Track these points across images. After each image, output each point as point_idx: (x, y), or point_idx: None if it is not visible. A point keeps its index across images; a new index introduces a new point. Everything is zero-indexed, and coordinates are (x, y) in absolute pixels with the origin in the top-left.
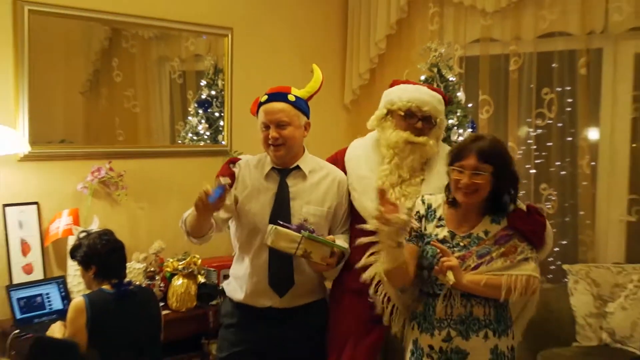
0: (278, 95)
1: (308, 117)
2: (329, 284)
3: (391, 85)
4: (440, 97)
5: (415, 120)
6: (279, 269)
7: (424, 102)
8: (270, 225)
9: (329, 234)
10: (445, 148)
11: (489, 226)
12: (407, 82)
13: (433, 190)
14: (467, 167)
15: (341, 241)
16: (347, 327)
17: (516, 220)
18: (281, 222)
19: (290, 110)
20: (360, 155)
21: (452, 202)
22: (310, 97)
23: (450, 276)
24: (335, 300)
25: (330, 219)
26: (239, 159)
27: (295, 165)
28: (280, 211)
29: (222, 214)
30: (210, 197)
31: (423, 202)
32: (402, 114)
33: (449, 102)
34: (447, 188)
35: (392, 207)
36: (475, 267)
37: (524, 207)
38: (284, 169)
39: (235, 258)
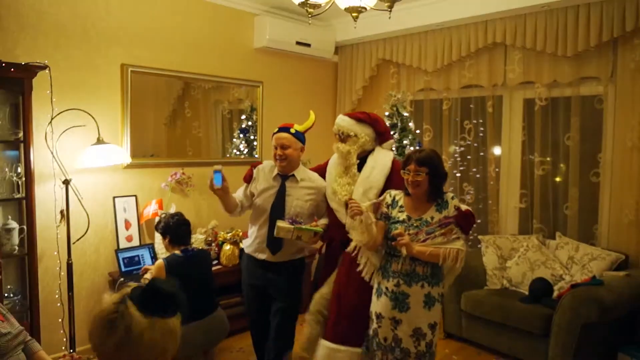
0: (284, 129)
1: (303, 144)
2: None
3: None
4: (349, 119)
5: (337, 135)
6: (274, 239)
7: (337, 125)
8: (277, 222)
9: (315, 219)
10: (385, 154)
11: (434, 213)
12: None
13: (363, 179)
14: (410, 170)
15: (323, 220)
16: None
17: (459, 218)
18: (283, 219)
19: (290, 138)
20: (331, 162)
21: (407, 193)
22: (306, 130)
23: (403, 250)
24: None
25: (313, 210)
26: (260, 163)
27: (292, 174)
28: (279, 201)
29: (245, 201)
30: (215, 182)
31: (390, 195)
32: (335, 134)
33: (390, 125)
34: (404, 185)
35: (357, 205)
36: (424, 241)
37: (463, 208)
38: (285, 175)
39: (249, 226)
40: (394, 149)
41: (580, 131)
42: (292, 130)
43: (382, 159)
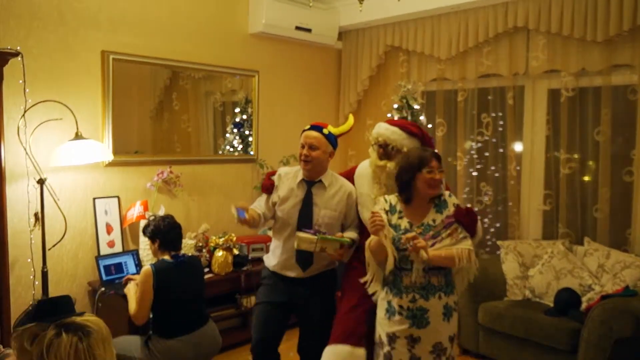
0: (316, 127)
1: (334, 148)
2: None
3: None
4: (400, 131)
5: (379, 147)
6: (304, 253)
7: (384, 136)
8: (297, 233)
9: (343, 230)
10: None
11: (434, 215)
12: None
13: None
14: (435, 167)
15: (351, 233)
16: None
17: (460, 215)
18: (303, 230)
19: (321, 139)
20: (363, 177)
21: (407, 200)
22: (340, 135)
23: (422, 254)
24: (347, 270)
25: (342, 220)
26: (275, 172)
27: (319, 179)
28: (306, 211)
29: (268, 213)
30: (240, 215)
31: (386, 201)
32: (373, 143)
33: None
34: (402, 192)
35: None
36: (432, 246)
37: (462, 206)
38: (311, 181)
39: (272, 240)
40: None
41: (612, 125)
42: (325, 131)
43: None
